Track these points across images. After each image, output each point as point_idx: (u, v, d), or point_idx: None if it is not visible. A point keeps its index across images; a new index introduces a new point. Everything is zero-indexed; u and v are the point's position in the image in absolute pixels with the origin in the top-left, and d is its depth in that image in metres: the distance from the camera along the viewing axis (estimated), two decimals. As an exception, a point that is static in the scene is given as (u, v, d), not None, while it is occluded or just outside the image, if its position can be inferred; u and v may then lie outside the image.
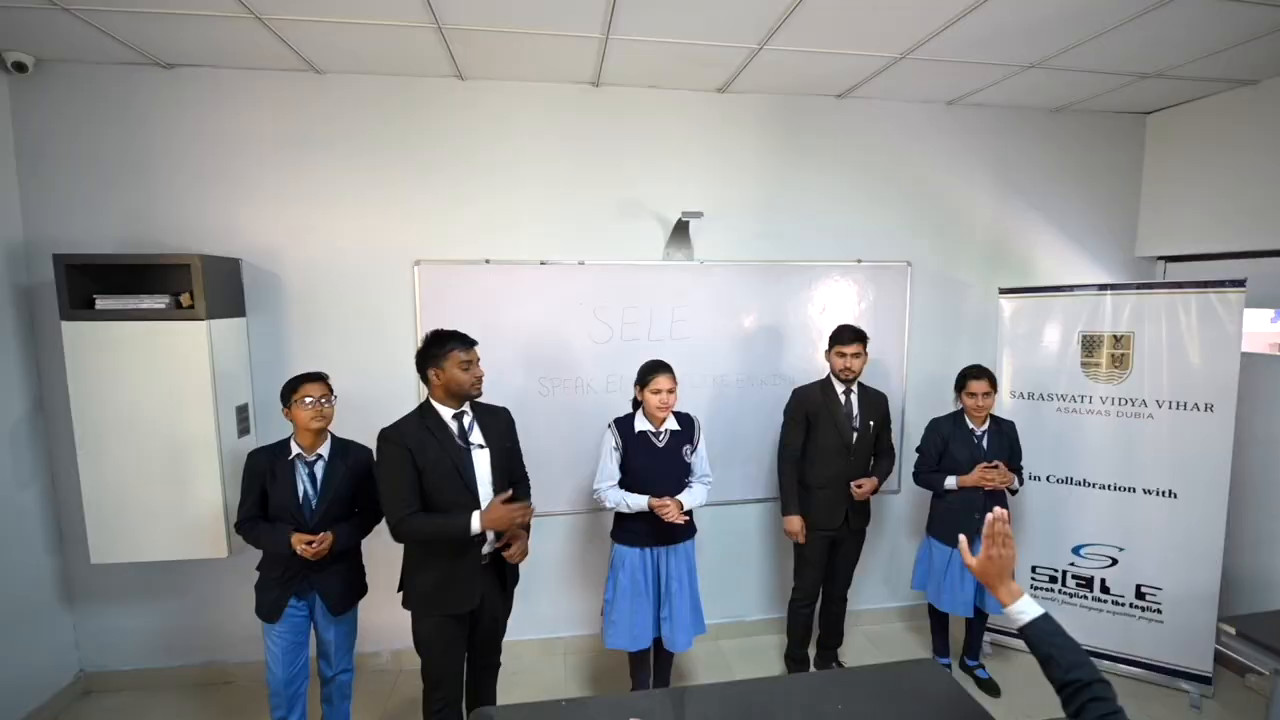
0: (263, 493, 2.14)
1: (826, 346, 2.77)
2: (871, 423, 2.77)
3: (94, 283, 2.45)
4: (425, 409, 2.08)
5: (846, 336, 2.67)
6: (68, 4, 2.10)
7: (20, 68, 2.50)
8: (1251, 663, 1.85)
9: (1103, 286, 2.98)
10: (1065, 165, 3.34)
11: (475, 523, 1.97)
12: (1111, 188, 3.40)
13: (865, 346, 2.69)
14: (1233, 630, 1.91)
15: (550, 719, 1.54)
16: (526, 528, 2.20)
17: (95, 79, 2.60)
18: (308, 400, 2.11)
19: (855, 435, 2.71)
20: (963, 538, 1.48)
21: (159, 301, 2.44)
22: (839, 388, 2.75)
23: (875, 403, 2.80)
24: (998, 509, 1.34)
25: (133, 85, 2.62)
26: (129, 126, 2.64)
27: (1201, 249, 3.17)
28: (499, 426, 2.21)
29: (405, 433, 2.01)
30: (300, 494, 2.13)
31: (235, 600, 2.75)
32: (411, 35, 2.35)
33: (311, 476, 2.16)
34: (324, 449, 2.20)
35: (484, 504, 2.06)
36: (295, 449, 2.16)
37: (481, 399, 2.18)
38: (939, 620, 2.98)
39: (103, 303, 2.40)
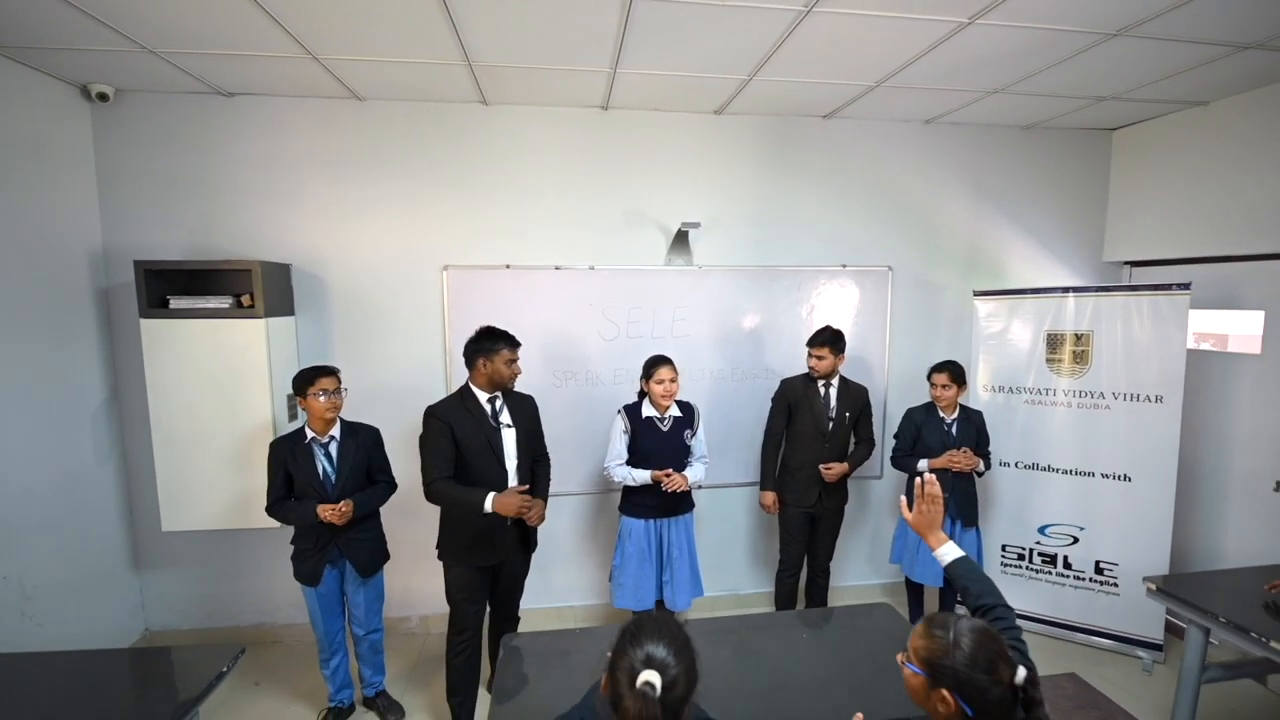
0: (287, 476, 2.45)
1: (807, 344, 3.07)
2: (848, 413, 3.07)
3: (166, 285, 2.81)
4: (465, 392, 2.43)
5: (813, 340, 2.99)
6: (154, 47, 2.45)
7: (103, 98, 2.87)
8: (1179, 620, 2.14)
9: (1065, 289, 3.28)
10: (1036, 177, 3.63)
11: (488, 504, 2.26)
12: (1080, 197, 3.69)
13: (833, 350, 2.96)
14: (1153, 586, 2.20)
15: (567, 643, 1.87)
16: (545, 498, 2.53)
17: (166, 106, 2.96)
18: (321, 396, 2.41)
19: (831, 424, 3.02)
20: (902, 498, 1.78)
21: (223, 302, 2.80)
22: (819, 381, 3.06)
23: (854, 395, 3.10)
24: (929, 475, 1.66)
25: (198, 111, 2.98)
26: (195, 147, 3.00)
27: (1163, 255, 3.45)
28: (525, 411, 2.54)
29: (447, 410, 2.37)
30: (320, 472, 2.46)
31: (285, 567, 3.09)
32: (445, 70, 2.69)
33: (328, 456, 2.48)
34: (335, 431, 2.51)
35: (510, 472, 2.40)
36: (310, 434, 2.47)
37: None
38: (915, 592, 3.28)
39: (175, 303, 2.76)
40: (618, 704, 1.03)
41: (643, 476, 2.73)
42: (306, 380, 2.43)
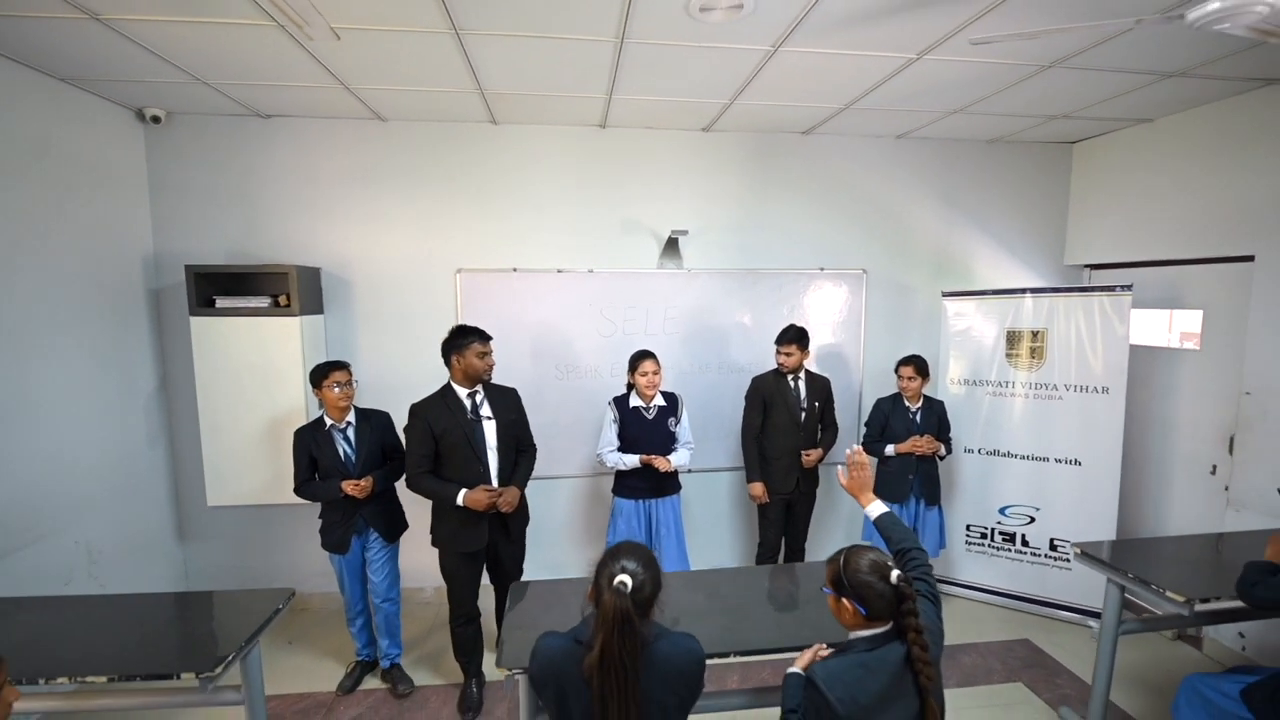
0: (311, 460, 2.77)
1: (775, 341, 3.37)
2: (816, 403, 3.38)
3: (212, 286, 3.17)
4: (446, 389, 2.65)
5: (781, 339, 3.27)
6: (206, 78, 2.80)
7: (155, 120, 3.22)
8: (1107, 572, 2.43)
9: (1024, 290, 3.58)
10: (1002, 187, 3.94)
11: (460, 498, 2.53)
12: (1043, 205, 3.99)
13: (800, 346, 3.25)
14: (1078, 550, 2.51)
15: (564, 589, 2.20)
16: (521, 485, 2.72)
17: (210, 127, 3.32)
18: (335, 388, 2.72)
19: (803, 414, 3.32)
20: (839, 468, 2.09)
21: (262, 302, 3.15)
22: (788, 376, 3.36)
23: (819, 386, 3.40)
24: (856, 446, 1.98)
25: (238, 131, 3.34)
26: (235, 163, 3.35)
27: (1118, 259, 3.74)
28: (506, 403, 2.75)
29: (427, 407, 2.58)
30: (341, 454, 2.78)
31: (312, 540, 3.44)
32: (459, 96, 3.03)
33: (347, 439, 2.80)
34: (350, 418, 2.82)
35: (490, 464, 2.63)
36: (329, 421, 2.78)
37: (503, 382, 2.80)
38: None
39: (221, 302, 3.11)
40: (599, 602, 1.36)
41: (632, 461, 3.06)
42: (322, 374, 2.73)
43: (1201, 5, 1.63)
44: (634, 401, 3.14)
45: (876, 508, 1.89)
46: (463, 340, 2.60)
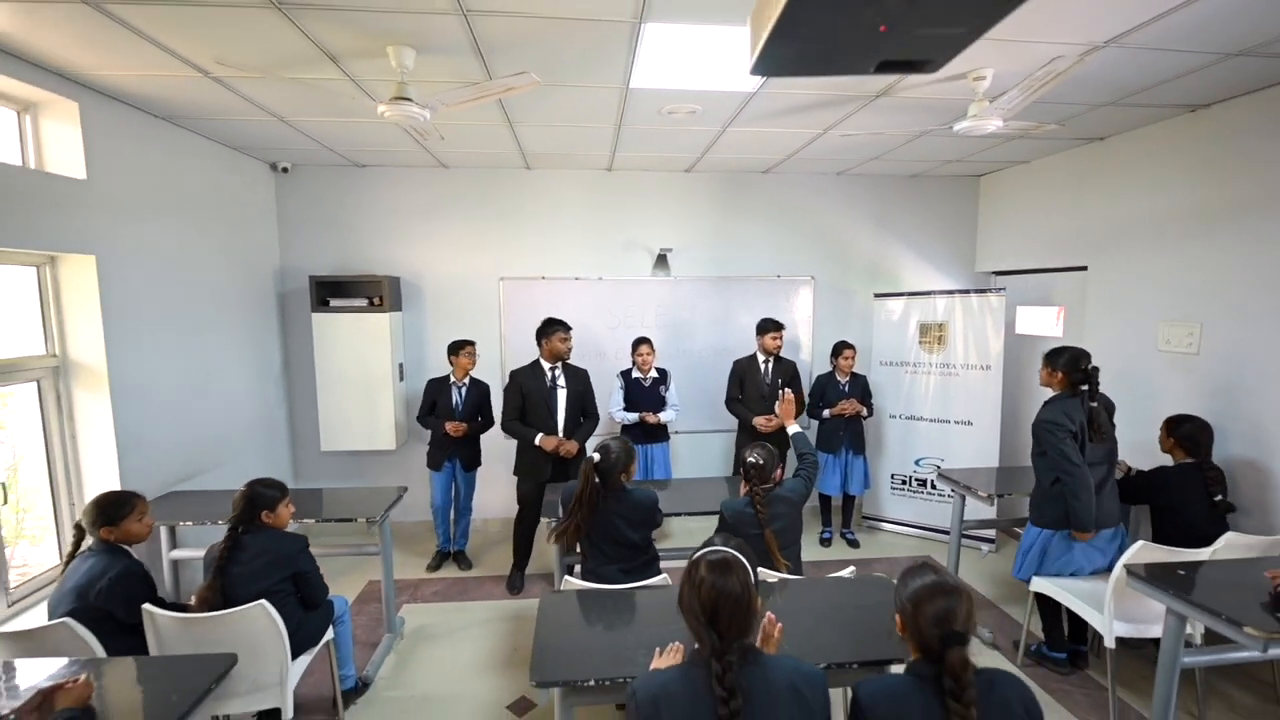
0: (432, 403, 3.99)
1: (756, 331, 4.45)
2: (780, 380, 4.47)
3: (326, 291, 4.36)
4: (536, 362, 3.78)
5: (771, 326, 4.33)
6: (328, 144, 3.99)
7: (284, 170, 4.44)
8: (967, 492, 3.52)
9: (932, 292, 4.65)
10: (923, 211, 5.01)
11: (538, 439, 3.65)
12: (957, 224, 5.06)
13: (782, 333, 4.36)
14: (938, 469, 3.60)
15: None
16: (581, 441, 3.80)
17: (322, 174, 4.52)
18: (467, 356, 3.95)
19: (767, 389, 4.41)
20: (777, 404, 3.19)
21: (362, 302, 4.34)
22: (760, 359, 4.45)
23: (785, 368, 4.49)
24: (788, 391, 3.09)
25: (342, 177, 4.53)
26: (339, 200, 4.55)
27: (1012, 267, 4.79)
28: (577, 379, 3.85)
29: (521, 373, 3.76)
30: (454, 403, 4.00)
31: (399, 479, 4.63)
32: (504, 153, 4.19)
33: (460, 392, 4.02)
34: (466, 380, 4.03)
35: (559, 420, 3.73)
36: (453, 379, 4.01)
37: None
38: (825, 503, 4.68)
39: (334, 303, 4.31)
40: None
41: (633, 417, 4.19)
42: (460, 345, 3.99)
43: (959, 123, 2.73)
44: (635, 374, 4.28)
45: (794, 428, 2.96)
46: (550, 329, 3.71)
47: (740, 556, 1.42)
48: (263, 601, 2.11)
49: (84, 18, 2.18)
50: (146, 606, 2.08)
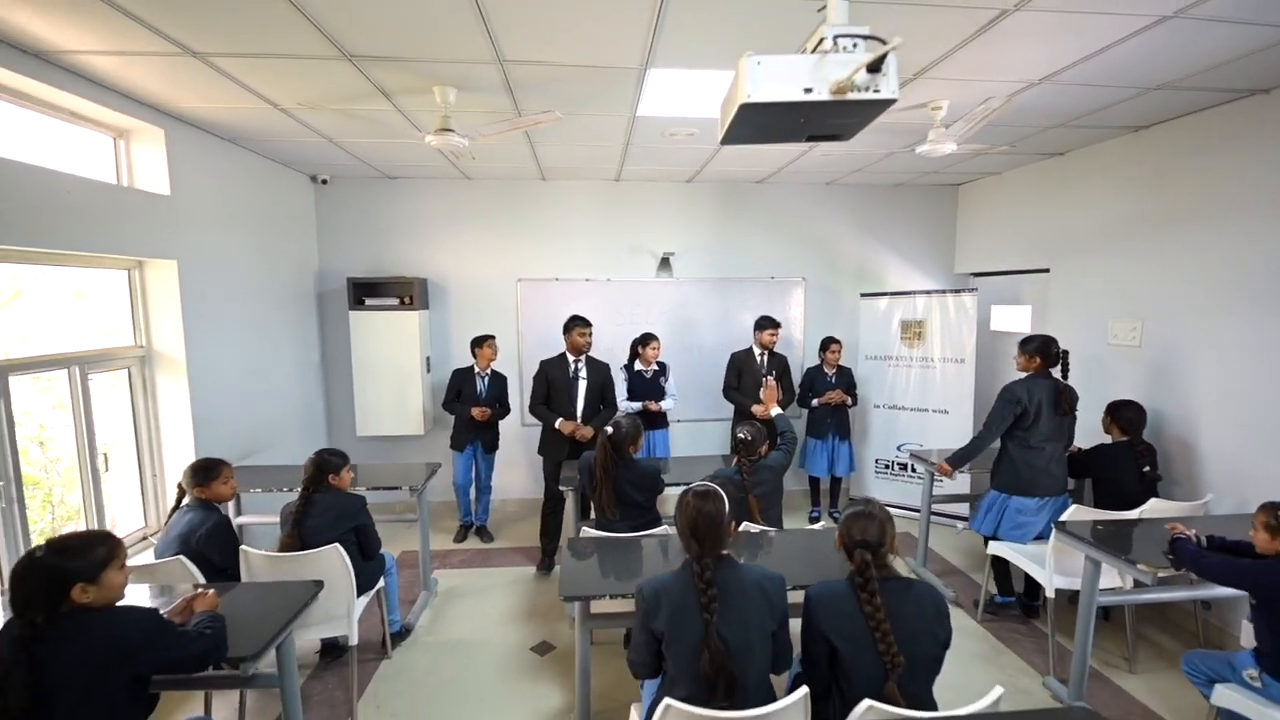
0: (458, 390, 4.45)
1: (754, 328, 4.89)
2: (773, 373, 4.90)
3: (359, 291, 4.83)
4: (562, 354, 4.21)
5: (770, 323, 4.77)
6: (365, 160, 4.46)
7: (324, 181, 4.91)
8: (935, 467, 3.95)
9: (912, 291, 5.08)
10: (906, 216, 5.44)
11: (557, 423, 4.08)
12: (937, 229, 5.49)
13: (779, 329, 4.80)
14: (911, 453, 4.03)
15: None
16: (596, 427, 4.19)
17: (357, 185, 4.99)
18: (487, 348, 4.41)
19: (764, 380, 4.84)
20: (761, 390, 3.62)
21: (393, 301, 4.81)
22: (756, 352, 4.89)
23: (778, 361, 4.93)
24: (770, 379, 3.53)
25: (374, 186, 5.01)
26: (372, 208, 5.02)
27: (988, 269, 5.22)
28: (598, 370, 4.23)
29: (548, 364, 4.18)
30: (478, 390, 4.46)
31: (426, 459, 5.08)
32: (523, 166, 4.66)
33: (484, 381, 4.49)
34: (488, 370, 4.50)
35: (578, 407, 4.16)
36: (477, 370, 4.47)
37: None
38: (814, 484, 5.12)
39: (369, 302, 4.78)
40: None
41: (636, 406, 4.64)
42: (482, 339, 4.45)
43: (920, 146, 3.17)
44: (638, 366, 4.73)
45: (775, 410, 3.41)
46: (572, 324, 4.14)
47: (719, 489, 1.87)
48: (336, 545, 2.57)
49: (186, 66, 2.65)
50: (243, 547, 2.55)
